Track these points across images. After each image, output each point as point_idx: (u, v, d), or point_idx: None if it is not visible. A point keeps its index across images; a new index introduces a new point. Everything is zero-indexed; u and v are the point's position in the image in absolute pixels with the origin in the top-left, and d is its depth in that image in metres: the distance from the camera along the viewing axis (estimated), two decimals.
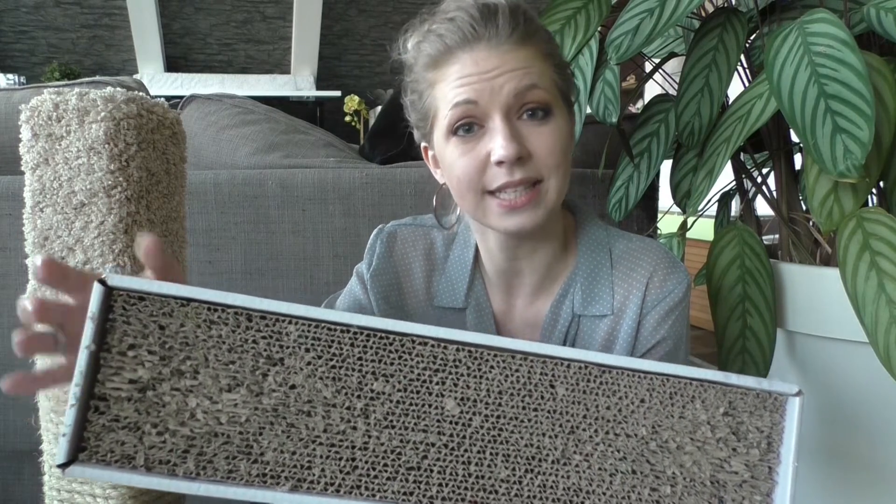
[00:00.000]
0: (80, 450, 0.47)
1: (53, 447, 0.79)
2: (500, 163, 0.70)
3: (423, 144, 0.82)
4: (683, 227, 1.21)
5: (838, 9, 1.04)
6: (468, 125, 0.71)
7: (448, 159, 0.74)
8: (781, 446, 0.54)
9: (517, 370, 0.52)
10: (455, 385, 0.51)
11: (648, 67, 1.43)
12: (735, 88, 1.11)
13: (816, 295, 1.01)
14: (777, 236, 1.22)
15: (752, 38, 1.21)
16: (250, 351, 0.49)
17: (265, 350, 0.49)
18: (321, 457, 0.50)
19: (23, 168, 0.77)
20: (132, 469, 0.48)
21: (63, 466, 0.46)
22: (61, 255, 0.76)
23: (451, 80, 0.71)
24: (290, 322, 0.50)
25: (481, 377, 0.51)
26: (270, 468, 0.49)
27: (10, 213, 1.25)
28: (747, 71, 1.21)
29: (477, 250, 0.84)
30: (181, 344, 0.49)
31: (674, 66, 1.36)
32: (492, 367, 0.51)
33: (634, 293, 0.79)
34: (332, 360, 0.50)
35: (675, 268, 0.80)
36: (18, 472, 1.32)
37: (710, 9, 1.20)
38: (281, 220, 1.28)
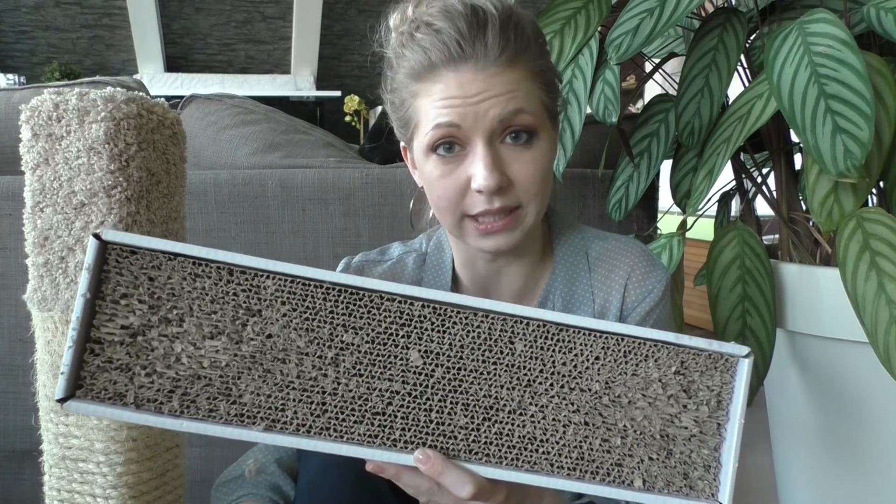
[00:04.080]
0: (76, 387, 0.52)
1: (53, 447, 0.79)
2: (479, 191, 0.69)
3: (402, 144, 0.80)
4: (683, 227, 1.21)
5: (838, 9, 1.04)
6: (449, 144, 0.70)
7: (427, 175, 0.73)
8: (730, 404, 0.57)
9: (478, 326, 0.55)
10: (420, 339, 0.55)
11: (648, 67, 1.43)
12: (735, 88, 1.11)
13: (816, 295, 1.01)
14: (777, 236, 1.22)
15: (752, 38, 1.21)
16: (231, 302, 0.54)
17: (244, 302, 0.54)
18: (294, 400, 0.54)
19: (23, 168, 0.77)
20: (123, 406, 0.52)
21: (61, 401, 0.51)
22: (61, 255, 0.76)
23: (433, 98, 0.69)
24: (267, 277, 0.54)
25: (444, 332, 0.55)
26: (247, 409, 0.54)
27: (10, 213, 1.25)
28: (747, 71, 1.21)
29: (452, 271, 0.83)
30: (168, 294, 0.53)
31: (674, 66, 1.36)
32: (454, 322, 0.55)
33: (614, 295, 0.78)
34: (305, 312, 0.54)
35: (652, 266, 0.79)
36: (18, 472, 1.32)
37: (710, 9, 1.20)
38: (281, 220, 1.28)
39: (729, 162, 1.02)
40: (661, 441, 0.56)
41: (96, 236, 0.52)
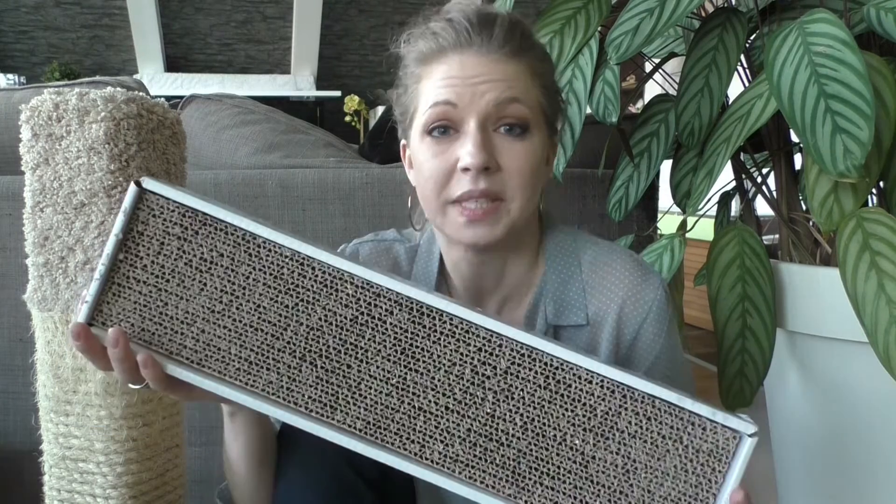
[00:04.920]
0: (95, 317, 0.57)
1: (53, 447, 0.79)
2: (465, 169, 0.69)
3: (402, 142, 0.81)
4: (683, 228, 1.21)
5: (838, 9, 1.04)
6: (444, 127, 0.71)
7: (419, 158, 0.74)
8: (724, 480, 0.54)
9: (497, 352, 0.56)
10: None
11: (648, 67, 1.43)
12: (735, 88, 1.11)
13: (816, 295, 1.01)
14: (777, 236, 1.22)
15: (752, 38, 1.21)
16: (249, 274, 0.57)
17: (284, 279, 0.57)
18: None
19: (23, 168, 0.77)
20: (133, 340, 0.57)
21: (86, 325, 0.56)
22: (61, 255, 0.76)
23: (435, 79, 0.71)
24: (312, 266, 0.57)
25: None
26: (243, 373, 0.57)
27: (10, 213, 1.25)
28: (747, 71, 1.21)
29: (441, 263, 0.82)
30: (196, 247, 0.57)
31: (674, 66, 1.36)
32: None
33: (611, 305, 0.77)
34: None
35: (646, 275, 0.78)
36: (18, 472, 1.32)
37: (710, 9, 1.20)
38: (281, 220, 1.28)
39: (729, 162, 1.02)
40: (642, 503, 0.54)
41: (137, 183, 0.56)
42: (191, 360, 0.57)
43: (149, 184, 0.56)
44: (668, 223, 1.46)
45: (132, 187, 0.55)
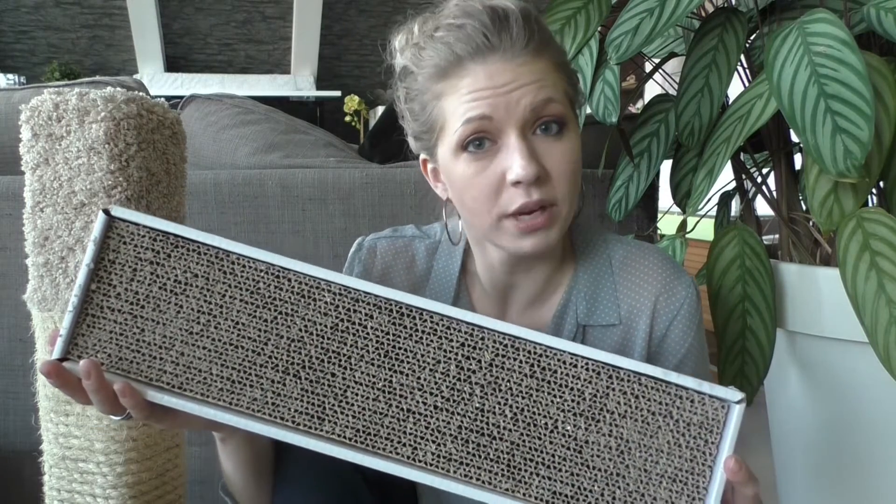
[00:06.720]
0: (71, 350, 0.56)
1: (53, 447, 0.79)
2: (517, 183, 0.67)
3: (421, 156, 0.78)
4: (683, 228, 1.21)
5: (838, 9, 1.04)
6: (480, 140, 0.68)
7: (458, 177, 0.71)
8: (717, 449, 0.55)
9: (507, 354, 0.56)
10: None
11: (648, 67, 1.43)
12: (735, 88, 1.11)
13: (816, 295, 1.01)
14: (777, 236, 1.22)
15: (752, 38, 1.21)
16: (228, 291, 0.57)
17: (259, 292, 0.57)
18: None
19: (23, 168, 0.77)
20: (111, 370, 0.57)
21: (58, 362, 0.56)
22: (61, 255, 0.76)
23: (462, 94, 0.68)
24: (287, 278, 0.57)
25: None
26: (215, 391, 0.56)
27: (10, 213, 1.25)
28: (747, 71, 1.21)
29: (463, 263, 0.81)
30: (168, 271, 0.57)
31: (674, 66, 1.36)
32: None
33: (645, 303, 0.76)
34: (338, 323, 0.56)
35: (678, 273, 0.78)
36: (18, 472, 1.32)
37: (710, 9, 1.20)
38: (281, 220, 1.28)
39: (729, 162, 1.02)
40: (640, 483, 0.55)
41: (105, 211, 0.55)
42: (172, 384, 0.56)
43: (117, 211, 0.56)
44: (668, 223, 1.46)
45: (101, 216, 0.55)
